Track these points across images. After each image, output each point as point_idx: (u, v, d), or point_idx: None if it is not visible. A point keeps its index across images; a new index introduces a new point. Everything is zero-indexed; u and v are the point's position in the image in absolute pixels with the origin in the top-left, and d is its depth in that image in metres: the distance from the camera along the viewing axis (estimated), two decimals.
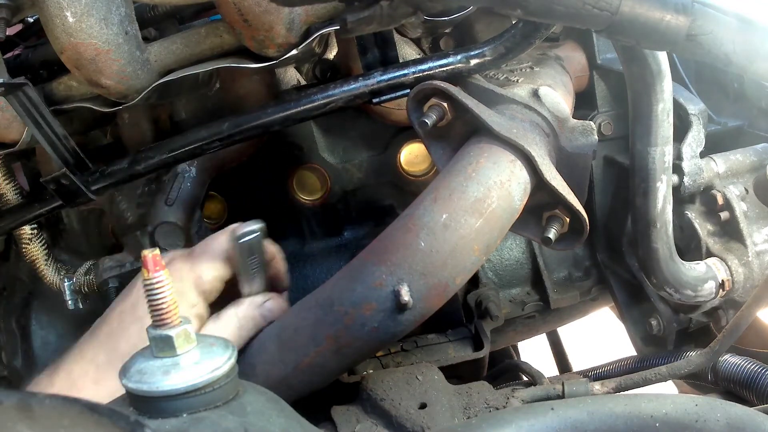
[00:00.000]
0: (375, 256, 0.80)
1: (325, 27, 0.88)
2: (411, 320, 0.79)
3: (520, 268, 1.33)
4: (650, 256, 1.05)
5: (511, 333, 1.40)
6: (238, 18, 0.85)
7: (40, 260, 1.18)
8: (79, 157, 0.97)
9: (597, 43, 1.18)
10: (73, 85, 0.98)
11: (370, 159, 1.26)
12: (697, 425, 0.63)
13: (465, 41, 1.18)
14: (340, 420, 0.84)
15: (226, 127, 0.96)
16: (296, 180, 1.27)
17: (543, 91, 0.94)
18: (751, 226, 1.09)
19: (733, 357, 1.00)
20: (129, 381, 0.51)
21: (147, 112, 1.09)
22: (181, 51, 0.94)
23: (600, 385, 0.98)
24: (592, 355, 1.55)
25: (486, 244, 0.80)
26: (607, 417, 0.64)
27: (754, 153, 1.13)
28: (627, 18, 0.69)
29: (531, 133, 0.87)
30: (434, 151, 0.93)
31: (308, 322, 0.81)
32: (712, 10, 0.69)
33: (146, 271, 0.53)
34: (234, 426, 0.51)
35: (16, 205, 1.10)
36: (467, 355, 1.07)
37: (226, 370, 0.52)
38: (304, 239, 1.31)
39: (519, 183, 0.82)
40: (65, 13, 0.82)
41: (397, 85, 0.94)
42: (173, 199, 1.09)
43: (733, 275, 1.07)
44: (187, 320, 0.53)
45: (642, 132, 1.00)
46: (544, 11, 0.69)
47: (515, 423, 0.64)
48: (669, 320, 1.18)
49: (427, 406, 0.84)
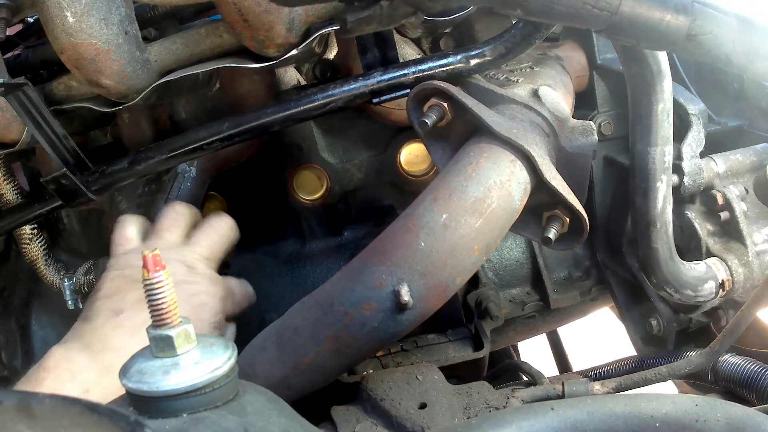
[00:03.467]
0: (375, 256, 0.80)
1: (325, 27, 0.88)
2: (411, 320, 0.79)
3: (520, 268, 1.33)
4: (650, 256, 1.05)
5: (511, 333, 1.40)
6: (238, 18, 0.85)
7: (40, 260, 1.18)
8: (79, 157, 0.97)
9: (597, 43, 1.18)
10: (73, 85, 0.98)
11: (370, 159, 1.26)
12: (697, 425, 0.63)
13: (465, 41, 1.18)
14: (340, 420, 0.84)
15: (226, 127, 0.96)
16: (296, 180, 1.27)
17: (543, 91, 0.94)
18: (751, 226, 1.09)
19: (733, 357, 1.00)
20: (129, 381, 0.51)
21: (147, 112, 1.09)
22: (181, 51, 0.94)
23: (600, 385, 0.98)
24: (592, 355, 1.55)
25: (486, 244, 0.80)
26: (607, 417, 0.64)
27: (754, 153, 1.13)
28: (627, 18, 0.69)
29: (531, 133, 0.87)
30: (434, 151, 0.93)
31: (308, 322, 0.81)
32: (712, 10, 0.69)
33: (146, 271, 0.53)
34: (234, 426, 0.50)
35: (16, 205, 1.10)
36: (467, 355, 1.07)
37: (226, 370, 0.52)
38: (304, 239, 1.31)
39: (519, 183, 0.82)
40: (65, 13, 0.82)
41: (397, 85, 0.94)
42: (173, 199, 1.09)
43: (733, 275, 1.07)
44: (187, 320, 0.53)
45: (642, 132, 1.00)
46: (544, 11, 0.69)
47: (515, 423, 0.64)
48: (669, 320, 1.18)
49: (427, 406, 0.84)
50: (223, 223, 1.03)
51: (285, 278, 1.28)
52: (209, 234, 1.01)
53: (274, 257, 1.30)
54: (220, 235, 1.02)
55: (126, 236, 0.99)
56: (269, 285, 1.26)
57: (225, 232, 1.03)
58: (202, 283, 0.93)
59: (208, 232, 1.01)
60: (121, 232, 0.99)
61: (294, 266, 1.29)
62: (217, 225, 1.02)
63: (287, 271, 1.29)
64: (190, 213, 1.03)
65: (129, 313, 0.87)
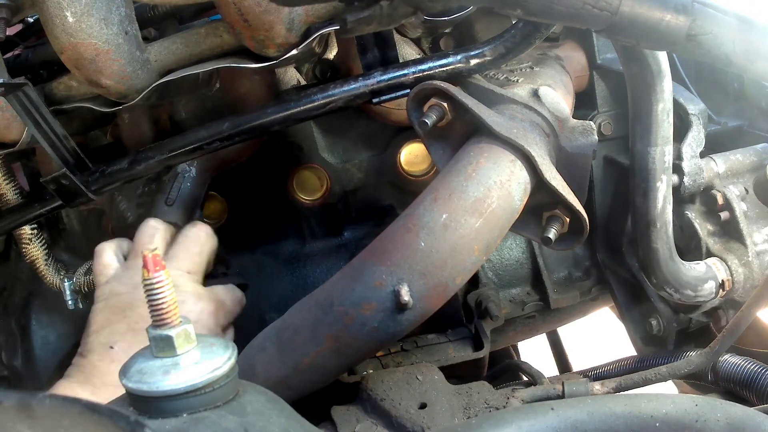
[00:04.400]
0: (375, 256, 0.80)
1: (325, 27, 0.88)
2: (411, 320, 0.79)
3: (520, 268, 1.33)
4: (650, 256, 1.05)
5: (511, 333, 1.41)
6: (238, 18, 0.85)
7: (40, 260, 1.18)
8: (79, 157, 0.97)
9: (597, 43, 1.18)
10: (73, 85, 0.98)
11: (370, 159, 1.26)
12: (697, 425, 0.63)
13: (465, 41, 1.18)
14: (340, 420, 0.84)
15: (226, 127, 0.96)
16: (296, 180, 1.27)
17: (543, 91, 0.94)
18: (751, 226, 1.09)
19: (733, 357, 1.00)
20: (129, 381, 0.51)
21: (147, 112, 1.09)
22: (181, 51, 0.94)
23: (600, 385, 0.98)
24: (592, 355, 1.55)
25: (486, 244, 0.80)
26: (607, 417, 0.64)
27: (754, 153, 1.13)
28: (627, 18, 0.69)
29: (531, 133, 0.87)
30: (434, 151, 0.93)
31: (308, 322, 0.81)
32: (712, 10, 0.69)
33: (146, 271, 0.53)
34: (234, 426, 0.50)
35: (16, 205, 1.10)
36: (467, 355, 1.07)
37: (226, 370, 0.52)
38: (304, 239, 1.31)
39: (519, 183, 0.82)
40: (65, 13, 0.82)
41: (397, 85, 0.94)
42: (173, 199, 1.09)
43: (733, 275, 1.07)
44: (187, 320, 0.53)
45: (642, 132, 1.00)
46: (544, 11, 0.69)
47: (515, 423, 0.64)
48: (669, 320, 1.18)
49: (427, 406, 0.84)
50: (200, 233, 1.00)
51: (285, 278, 1.28)
52: (187, 246, 0.98)
53: (274, 257, 1.30)
54: (199, 245, 0.99)
55: (104, 263, 0.97)
56: (269, 285, 1.27)
57: (203, 241, 0.99)
58: (188, 302, 0.91)
59: (185, 244, 0.98)
60: (99, 260, 0.98)
61: (294, 266, 1.29)
62: (194, 236, 0.99)
63: (287, 271, 1.29)
64: (165, 228, 1.01)
65: (122, 344, 0.87)
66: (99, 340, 0.89)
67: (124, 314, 0.90)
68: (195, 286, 0.95)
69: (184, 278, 0.94)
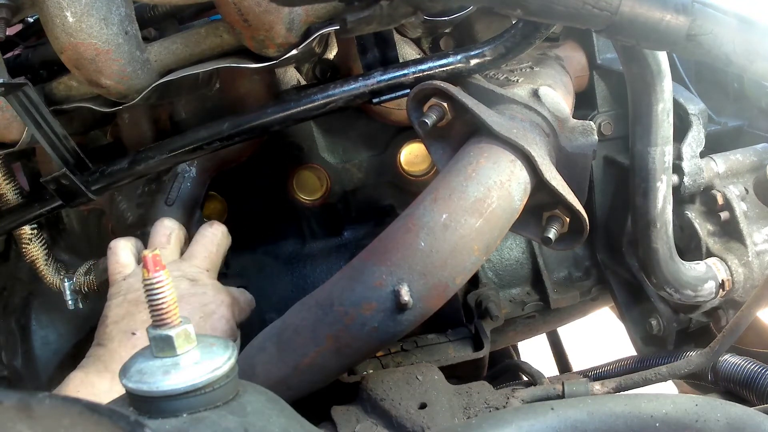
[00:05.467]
0: (375, 256, 0.80)
1: (325, 27, 0.88)
2: (411, 320, 0.79)
3: (520, 268, 1.33)
4: (650, 256, 1.05)
5: (511, 333, 1.41)
6: (238, 18, 0.85)
7: (40, 260, 1.18)
8: (79, 157, 0.97)
9: (597, 43, 1.18)
10: (73, 85, 0.98)
11: (370, 159, 1.26)
12: (697, 425, 0.63)
13: (465, 41, 1.18)
14: (340, 420, 0.84)
15: (226, 127, 0.96)
16: (296, 180, 1.27)
17: (543, 91, 0.94)
18: (751, 226, 1.09)
19: (733, 357, 1.00)
20: (129, 381, 0.51)
21: (147, 112, 1.10)
22: (181, 51, 0.94)
23: (600, 385, 0.98)
24: (592, 355, 1.55)
25: (486, 244, 0.80)
26: (607, 417, 0.64)
27: (754, 153, 1.13)
28: (627, 18, 0.69)
29: (531, 133, 0.87)
30: (434, 151, 0.93)
31: (308, 322, 0.81)
32: (712, 10, 0.69)
33: (146, 271, 0.53)
34: (234, 426, 0.50)
35: (16, 205, 1.10)
36: (467, 355, 1.07)
37: (226, 370, 0.52)
38: (304, 239, 1.31)
39: (519, 183, 0.82)
40: (65, 13, 0.82)
41: (397, 85, 0.94)
42: (173, 199, 1.09)
43: (733, 275, 1.07)
44: (187, 320, 0.53)
45: (642, 132, 1.00)
46: (544, 11, 0.69)
47: (515, 423, 0.63)
48: (669, 320, 1.18)
49: (427, 406, 0.84)
50: (217, 232, 1.03)
51: (285, 278, 1.28)
52: (206, 245, 1.01)
53: (274, 257, 1.30)
54: (216, 244, 1.02)
55: (122, 263, 0.98)
56: (269, 285, 1.27)
57: (220, 241, 1.02)
58: (209, 293, 0.93)
59: (203, 243, 1.01)
60: (115, 259, 0.99)
61: (294, 266, 1.29)
62: (212, 235, 1.02)
63: (287, 271, 1.29)
64: (179, 228, 1.03)
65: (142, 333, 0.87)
66: (119, 328, 0.89)
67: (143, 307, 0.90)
68: (213, 281, 0.97)
69: (203, 275, 0.96)
